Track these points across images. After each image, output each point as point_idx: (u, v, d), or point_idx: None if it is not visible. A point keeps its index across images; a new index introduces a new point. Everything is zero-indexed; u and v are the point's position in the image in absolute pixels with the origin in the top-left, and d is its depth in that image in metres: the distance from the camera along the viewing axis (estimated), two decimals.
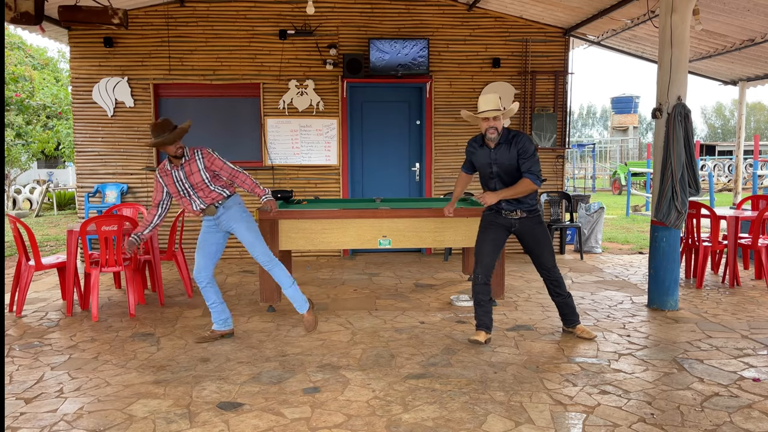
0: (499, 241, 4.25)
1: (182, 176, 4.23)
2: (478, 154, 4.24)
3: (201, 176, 4.23)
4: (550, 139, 7.82)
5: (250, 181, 4.34)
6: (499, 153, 4.13)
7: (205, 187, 4.25)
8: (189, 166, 4.24)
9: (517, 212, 4.19)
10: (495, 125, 4.08)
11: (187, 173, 4.23)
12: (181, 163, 4.23)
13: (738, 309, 5.17)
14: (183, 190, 4.27)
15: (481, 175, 4.32)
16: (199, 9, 7.50)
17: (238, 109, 7.74)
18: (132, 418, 3.08)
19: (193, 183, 4.24)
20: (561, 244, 8.09)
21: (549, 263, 4.25)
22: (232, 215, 4.29)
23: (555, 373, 3.67)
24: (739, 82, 8.95)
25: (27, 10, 4.58)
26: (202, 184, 4.24)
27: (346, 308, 5.26)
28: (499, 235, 4.24)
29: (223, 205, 4.28)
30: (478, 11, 7.71)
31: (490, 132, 4.08)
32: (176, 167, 4.24)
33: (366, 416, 3.08)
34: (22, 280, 5.09)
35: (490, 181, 4.25)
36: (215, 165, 4.28)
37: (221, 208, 4.28)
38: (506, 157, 4.11)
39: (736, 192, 9.56)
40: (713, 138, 49.46)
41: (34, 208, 15.57)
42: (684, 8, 4.93)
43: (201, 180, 4.23)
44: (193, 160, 4.24)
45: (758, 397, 3.29)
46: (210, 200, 4.26)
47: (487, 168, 4.22)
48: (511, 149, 4.09)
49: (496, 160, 4.14)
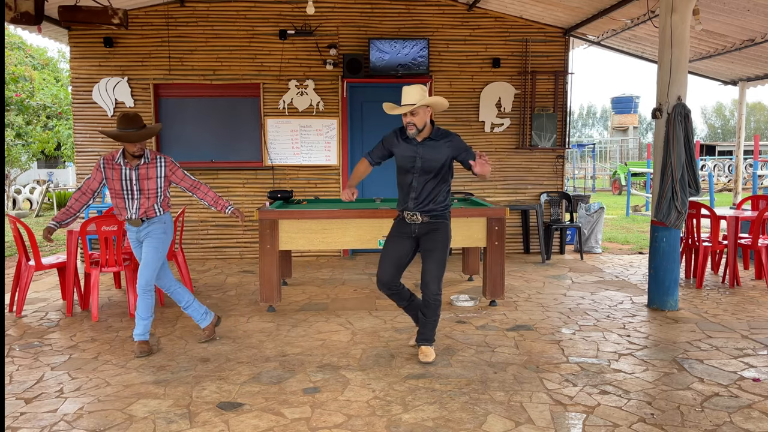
0: (400, 254, 3.91)
1: (134, 177, 3.98)
2: (402, 147, 3.90)
3: (156, 184, 4.02)
4: (550, 139, 7.82)
5: (212, 194, 4.20)
6: (426, 149, 3.85)
7: (152, 197, 4.03)
8: (147, 169, 4.01)
9: (417, 216, 3.86)
10: (412, 120, 3.78)
11: (142, 176, 3.99)
12: (138, 164, 3.98)
13: (738, 309, 5.17)
14: (128, 191, 3.99)
15: (401, 169, 3.95)
16: (199, 9, 7.50)
17: (238, 109, 7.74)
18: (132, 418, 3.08)
19: (143, 188, 3.99)
20: (561, 244, 8.09)
21: (427, 277, 3.82)
22: (154, 230, 4.07)
23: (555, 373, 3.67)
24: (739, 82, 8.95)
25: (27, 10, 4.58)
26: (152, 193, 4.02)
27: (346, 308, 5.26)
28: (402, 246, 3.92)
29: (149, 221, 4.06)
30: (478, 11, 7.71)
31: (409, 128, 3.81)
32: (130, 166, 3.98)
33: (366, 416, 3.08)
34: (22, 280, 5.09)
35: (408, 176, 3.90)
36: (176, 176, 4.10)
37: (146, 222, 4.06)
38: (432, 153, 3.84)
39: (736, 192, 9.56)
40: (713, 138, 49.47)
41: (34, 208, 15.57)
42: (684, 8, 4.93)
43: (154, 188, 4.02)
44: (153, 165, 4.02)
45: (758, 397, 3.29)
46: (143, 212, 4.03)
47: (409, 162, 3.87)
48: (442, 148, 3.85)
49: (423, 156, 3.85)
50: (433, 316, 3.92)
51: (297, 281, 6.41)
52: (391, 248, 3.96)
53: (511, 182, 8.02)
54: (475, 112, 7.83)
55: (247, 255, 7.84)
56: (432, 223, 3.89)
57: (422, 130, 3.83)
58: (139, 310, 4.05)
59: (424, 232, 3.90)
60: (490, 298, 5.22)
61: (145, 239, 4.08)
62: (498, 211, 5.00)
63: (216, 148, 7.75)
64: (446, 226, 3.94)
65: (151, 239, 4.06)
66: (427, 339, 3.98)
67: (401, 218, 3.97)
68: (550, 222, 7.92)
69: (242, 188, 7.76)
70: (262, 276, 5.00)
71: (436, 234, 3.89)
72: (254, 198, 7.76)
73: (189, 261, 7.34)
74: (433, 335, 3.99)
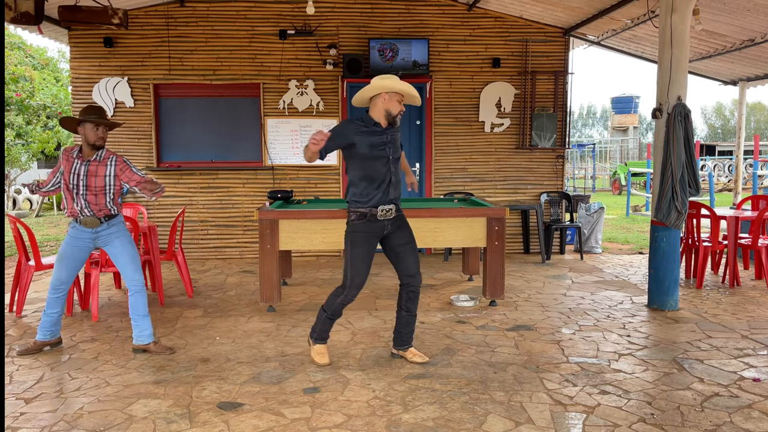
0: (371, 256, 3.83)
1: (82, 172, 3.88)
2: (368, 136, 3.67)
3: (104, 182, 3.92)
4: (550, 139, 7.82)
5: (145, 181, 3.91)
6: (393, 136, 3.78)
7: (100, 194, 3.92)
8: (96, 166, 3.92)
9: (392, 210, 3.76)
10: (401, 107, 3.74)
11: (90, 173, 3.89)
12: (89, 159, 3.90)
13: (738, 309, 5.17)
14: (74, 185, 3.89)
15: (369, 160, 3.68)
16: (199, 9, 7.51)
17: (238, 109, 7.74)
18: (132, 418, 3.08)
19: (90, 185, 3.89)
20: (561, 244, 8.09)
21: (414, 268, 3.86)
22: (115, 231, 4.00)
23: (555, 373, 3.67)
24: (739, 82, 8.95)
25: (27, 10, 4.58)
26: (100, 190, 3.91)
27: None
28: (372, 247, 3.80)
29: (108, 222, 3.98)
30: (478, 11, 7.71)
31: (400, 114, 3.74)
32: (82, 160, 3.89)
33: (366, 416, 3.08)
34: (22, 280, 5.09)
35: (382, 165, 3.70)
36: (125, 175, 3.97)
37: (105, 224, 3.97)
38: (396, 140, 3.79)
39: (736, 192, 9.56)
40: (713, 138, 49.46)
41: (34, 208, 15.57)
42: (684, 8, 4.93)
43: (102, 186, 3.91)
44: (103, 163, 3.93)
45: (758, 397, 3.29)
46: (97, 211, 3.92)
47: (380, 150, 3.68)
48: (398, 134, 3.82)
49: (393, 143, 3.76)
50: (415, 310, 3.94)
51: (297, 281, 6.40)
52: (366, 250, 3.77)
53: (511, 182, 8.02)
54: (475, 112, 7.83)
55: (247, 255, 7.84)
56: (399, 217, 3.88)
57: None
58: (140, 309, 4.05)
59: (394, 228, 3.82)
60: (490, 298, 5.22)
61: (114, 240, 3.99)
62: (498, 211, 5.00)
63: (216, 148, 7.75)
64: (405, 218, 3.95)
65: (120, 238, 4.01)
66: (411, 338, 3.97)
67: (369, 218, 3.72)
68: (550, 222, 7.92)
69: (242, 188, 7.76)
70: (262, 276, 5.00)
71: (405, 226, 3.88)
72: (254, 198, 7.76)
73: (189, 261, 7.33)
74: (412, 336, 4.00)
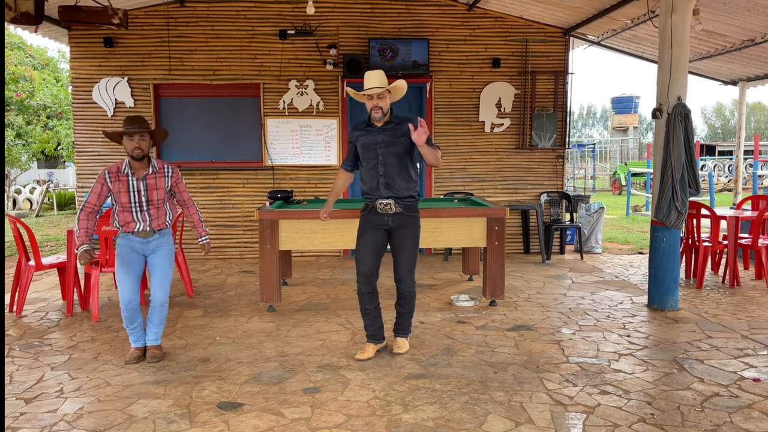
0: (377, 246, 3.92)
1: (142, 188, 3.84)
2: (364, 136, 3.90)
3: (165, 194, 3.93)
4: (550, 139, 7.82)
5: (198, 217, 4.18)
6: (387, 133, 3.84)
7: (161, 207, 3.92)
8: (155, 179, 3.89)
9: (391, 205, 3.86)
10: (380, 104, 3.79)
11: (150, 186, 3.86)
12: (146, 173, 3.85)
13: (738, 309, 5.17)
14: (136, 203, 3.84)
15: (365, 158, 3.93)
16: (199, 9, 7.50)
17: (238, 109, 7.74)
18: (132, 418, 3.08)
19: (151, 199, 3.87)
20: (561, 244, 8.09)
21: (402, 271, 3.93)
22: (165, 241, 3.97)
23: (555, 373, 3.67)
24: (739, 82, 8.95)
25: (27, 10, 4.58)
26: (161, 203, 3.91)
27: (346, 308, 5.26)
28: (376, 238, 3.92)
29: (159, 232, 3.95)
30: (478, 11, 7.71)
31: (375, 111, 3.80)
32: (138, 176, 3.84)
33: (366, 416, 3.08)
34: (22, 280, 5.09)
35: (373, 163, 3.88)
36: (179, 187, 4.03)
37: (157, 233, 3.94)
38: (393, 137, 3.83)
39: (736, 192, 9.56)
40: (713, 138, 49.46)
41: (34, 208, 15.57)
42: (684, 8, 4.93)
43: (163, 198, 3.92)
44: (161, 175, 3.91)
45: (758, 397, 3.29)
46: (157, 224, 3.91)
47: (372, 148, 3.86)
48: (401, 130, 3.83)
49: (384, 141, 3.84)
50: (409, 308, 4.08)
51: (297, 281, 6.41)
52: (368, 240, 3.94)
53: (511, 182, 8.02)
54: (475, 112, 7.83)
55: (247, 255, 7.84)
56: (405, 216, 3.92)
57: (386, 114, 3.87)
58: (156, 320, 3.99)
59: (396, 225, 3.93)
60: (490, 298, 5.22)
61: (156, 252, 3.95)
62: (498, 211, 5.00)
63: (216, 148, 7.75)
64: (416, 222, 4.00)
65: (163, 252, 3.96)
66: (403, 330, 4.13)
67: (370, 210, 3.94)
68: (550, 222, 7.92)
69: (242, 188, 7.76)
70: (262, 276, 5.00)
71: (407, 230, 3.94)
72: (254, 198, 7.76)
73: (189, 261, 7.33)
74: (409, 326, 4.16)
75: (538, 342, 4.28)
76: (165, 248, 3.97)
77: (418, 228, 4.02)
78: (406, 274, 3.95)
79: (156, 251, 3.96)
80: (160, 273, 3.94)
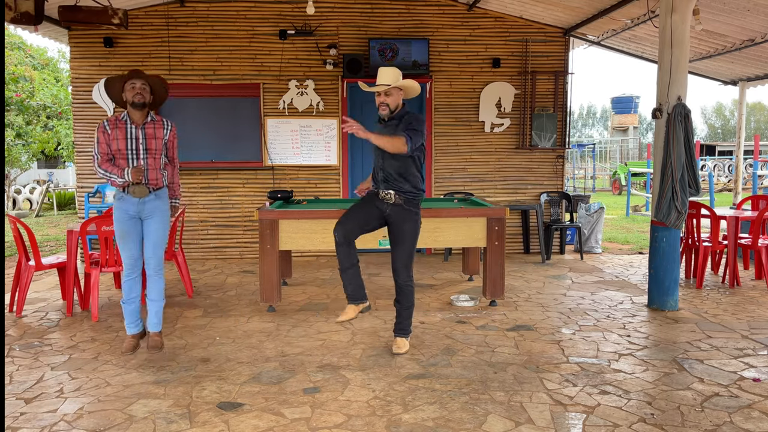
0: (368, 216, 3.99)
1: (141, 135, 3.83)
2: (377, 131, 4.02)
3: (162, 145, 3.93)
4: (550, 139, 7.82)
5: (177, 178, 4.17)
6: (387, 131, 3.93)
7: (158, 158, 3.88)
8: (154, 129, 3.89)
9: (391, 195, 3.95)
10: (386, 101, 3.88)
11: (149, 135, 3.86)
12: (144, 122, 3.86)
13: (738, 309, 5.17)
14: (133, 150, 3.82)
15: (374, 151, 4.10)
16: (199, 9, 7.50)
17: (238, 109, 7.74)
18: (132, 418, 3.08)
19: (150, 147, 3.85)
20: (561, 244, 8.09)
21: (398, 265, 3.98)
22: (160, 205, 3.94)
23: (555, 373, 3.67)
24: (739, 82, 8.95)
25: (27, 10, 4.57)
26: (158, 154, 3.88)
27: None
28: (370, 209, 4.01)
29: (156, 192, 3.92)
30: (478, 11, 7.71)
31: (382, 108, 3.92)
32: (137, 124, 3.84)
33: (366, 416, 3.08)
34: (22, 280, 5.09)
35: (375, 156, 4.06)
36: (172, 144, 4.03)
37: (153, 194, 3.90)
38: (389, 132, 3.89)
39: (736, 192, 9.56)
40: (713, 138, 49.46)
41: (34, 208, 15.57)
42: (684, 8, 4.93)
43: (161, 149, 3.90)
44: (159, 126, 3.92)
45: (758, 397, 3.29)
46: (153, 178, 3.87)
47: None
48: (396, 127, 3.90)
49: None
50: (407, 303, 4.05)
51: (297, 281, 6.41)
52: (361, 206, 4.06)
53: (511, 182, 8.02)
54: (475, 112, 7.83)
55: (247, 255, 7.84)
56: (404, 209, 3.96)
57: (394, 111, 3.94)
58: (153, 293, 4.02)
59: (394, 218, 3.99)
60: (490, 298, 5.22)
61: (152, 216, 3.91)
62: (498, 211, 5.00)
63: (216, 148, 7.74)
64: (416, 218, 4.04)
65: (159, 216, 3.94)
66: (403, 330, 4.11)
67: (375, 195, 4.06)
68: (550, 222, 7.92)
69: (242, 188, 7.76)
70: (262, 276, 5.00)
71: (406, 225, 3.98)
72: (254, 198, 7.76)
73: (189, 261, 7.33)
74: (409, 326, 4.12)
75: (538, 342, 4.28)
76: (160, 212, 3.95)
77: (418, 225, 4.05)
78: (401, 268, 4.00)
79: (152, 215, 3.93)
80: (153, 238, 3.94)
